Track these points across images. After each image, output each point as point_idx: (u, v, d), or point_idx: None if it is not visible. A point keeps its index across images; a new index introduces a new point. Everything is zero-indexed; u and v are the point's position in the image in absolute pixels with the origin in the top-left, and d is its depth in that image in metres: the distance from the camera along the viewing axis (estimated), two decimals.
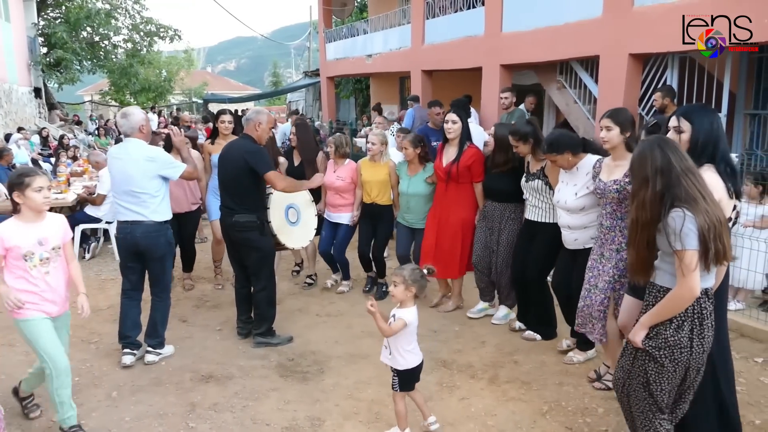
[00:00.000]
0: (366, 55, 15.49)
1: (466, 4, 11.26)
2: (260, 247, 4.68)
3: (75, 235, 7.31)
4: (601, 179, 3.77)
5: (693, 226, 2.49)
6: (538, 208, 4.65)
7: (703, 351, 2.66)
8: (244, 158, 4.51)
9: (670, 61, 7.75)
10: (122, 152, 4.36)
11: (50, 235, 3.35)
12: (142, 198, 4.26)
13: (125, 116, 4.36)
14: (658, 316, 2.66)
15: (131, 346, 4.42)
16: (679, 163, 2.60)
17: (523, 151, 4.69)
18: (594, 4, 8.01)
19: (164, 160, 4.37)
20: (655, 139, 2.72)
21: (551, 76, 10.03)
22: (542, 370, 4.33)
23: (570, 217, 4.15)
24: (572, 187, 4.12)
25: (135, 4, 26.19)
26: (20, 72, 18.68)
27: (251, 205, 4.61)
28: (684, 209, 2.52)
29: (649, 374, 2.73)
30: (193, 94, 39.80)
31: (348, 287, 6.13)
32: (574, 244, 4.20)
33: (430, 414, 3.47)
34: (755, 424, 3.58)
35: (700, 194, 2.56)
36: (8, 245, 3.23)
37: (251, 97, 38.37)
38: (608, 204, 3.72)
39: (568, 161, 4.11)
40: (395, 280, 3.26)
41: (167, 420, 3.64)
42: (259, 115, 4.75)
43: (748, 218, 5.17)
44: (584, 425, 3.58)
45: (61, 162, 9.90)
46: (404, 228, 5.68)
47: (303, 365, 4.44)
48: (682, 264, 2.51)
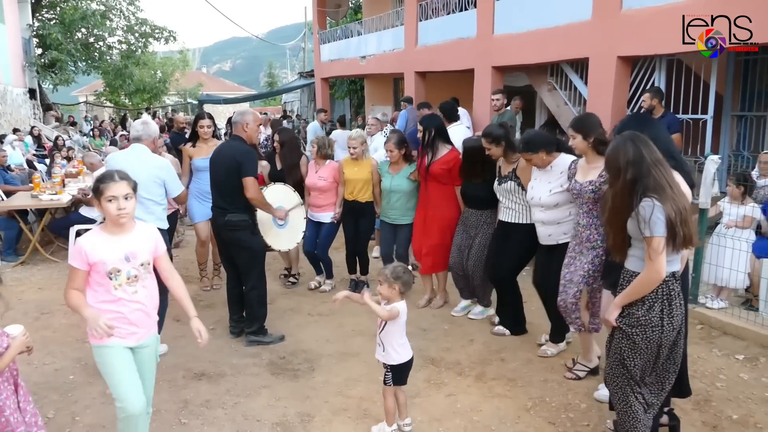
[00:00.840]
0: (360, 56, 15.58)
1: (458, 7, 11.36)
2: (251, 246, 4.78)
3: (70, 235, 7.39)
4: (577, 180, 3.93)
5: (661, 215, 2.70)
6: (511, 209, 4.78)
7: (672, 329, 2.87)
8: (235, 159, 4.62)
9: (657, 63, 7.86)
10: (130, 156, 4.37)
11: (139, 248, 2.90)
12: (146, 204, 4.23)
13: (145, 123, 4.52)
14: (629, 296, 2.88)
15: None
16: (649, 156, 2.82)
17: (495, 153, 4.82)
18: (583, 8, 8.12)
19: (172, 171, 4.47)
20: (628, 134, 2.94)
21: (542, 78, 10.14)
22: (528, 367, 4.42)
23: (544, 213, 4.31)
24: (546, 184, 4.28)
25: (130, 6, 26.24)
26: (15, 73, 18.70)
27: (243, 204, 4.71)
28: (653, 199, 2.73)
29: (623, 351, 2.94)
30: (188, 95, 39.82)
31: (330, 286, 6.24)
32: (548, 240, 4.37)
33: (407, 416, 3.54)
34: (733, 419, 3.68)
35: (668, 184, 2.78)
36: (92, 260, 2.78)
37: (246, 97, 38.40)
38: (584, 204, 3.89)
39: (542, 160, 4.26)
40: (380, 279, 3.36)
41: (160, 416, 3.72)
42: (245, 116, 4.88)
43: (730, 218, 5.28)
44: (567, 420, 3.68)
45: (56, 163, 9.96)
46: (387, 225, 5.81)
47: (294, 363, 4.52)
48: (650, 249, 2.73)
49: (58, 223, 7.87)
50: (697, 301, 5.36)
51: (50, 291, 6.34)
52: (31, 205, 7.69)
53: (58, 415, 3.74)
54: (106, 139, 17.79)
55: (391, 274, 3.32)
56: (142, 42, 26.71)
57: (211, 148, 5.87)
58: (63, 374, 4.32)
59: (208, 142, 6.02)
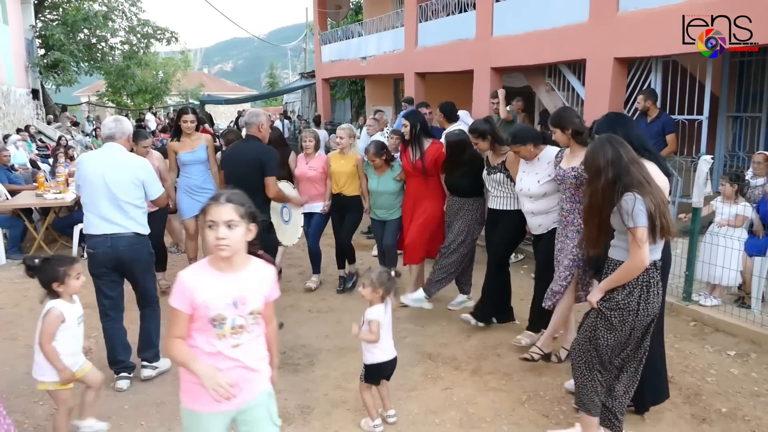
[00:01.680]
0: (360, 57, 15.68)
1: (457, 8, 11.46)
2: (265, 245, 4.88)
3: (74, 234, 7.51)
4: (561, 167, 4.15)
5: (642, 207, 2.92)
6: (499, 198, 4.98)
7: (647, 314, 3.10)
8: (259, 158, 4.78)
9: (654, 64, 7.96)
10: (104, 156, 4.07)
11: (250, 293, 2.34)
12: (125, 208, 3.98)
13: (118, 120, 4.22)
14: (614, 282, 3.10)
15: (126, 370, 4.18)
16: (626, 155, 3.05)
17: (482, 147, 5.02)
18: (580, 10, 8.23)
19: (153, 172, 4.20)
20: (605, 137, 3.17)
21: (540, 79, 10.24)
22: (523, 362, 4.51)
23: (533, 204, 4.50)
24: (534, 175, 4.47)
25: (132, 7, 26.38)
26: (18, 74, 18.82)
27: (261, 203, 4.79)
28: (635, 193, 2.95)
29: (598, 330, 3.15)
30: (189, 95, 39.94)
31: (315, 284, 6.34)
32: (538, 230, 4.58)
33: (391, 407, 3.68)
34: (722, 412, 3.77)
35: (645, 180, 3.01)
36: (198, 301, 2.25)
37: (248, 98, 38.51)
38: (567, 189, 4.11)
39: (530, 152, 4.46)
40: (364, 282, 3.53)
41: (164, 408, 3.83)
42: (259, 117, 5.06)
43: (723, 217, 5.37)
44: (560, 413, 3.77)
45: (60, 163, 10.06)
46: (378, 223, 6.02)
47: (294, 358, 4.62)
48: (635, 239, 2.95)
49: (62, 222, 7.97)
50: (691, 298, 5.46)
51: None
52: (35, 204, 7.80)
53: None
54: None
55: (376, 279, 3.49)
56: (144, 43, 26.86)
57: (195, 141, 6.01)
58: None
59: (192, 137, 6.05)
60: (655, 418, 3.69)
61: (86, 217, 4.08)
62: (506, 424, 3.66)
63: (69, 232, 7.67)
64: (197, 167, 6.01)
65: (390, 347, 3.59)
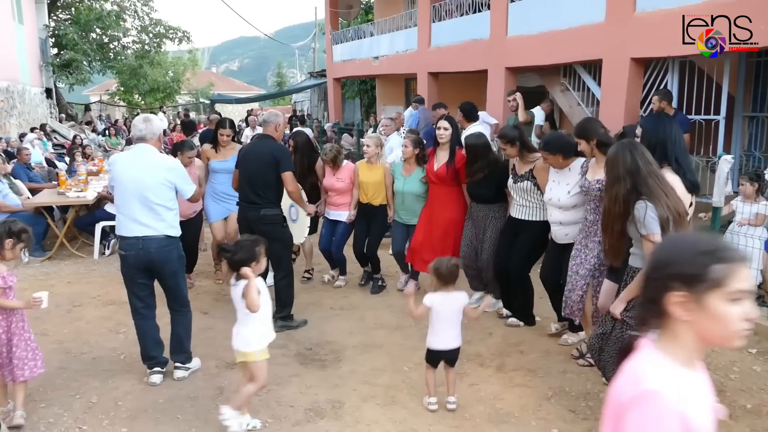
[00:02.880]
0: (373, 57, 15.76)
1: (471, 9, 11.52)
2: (282, 238, 5.08)
3: (95, 232, 7.61)
4: (587, 178, 4.20)
5: (654, 214, 2.98)
6: (524, 207, 4.96)
7: None
8: (273, 155, 4.89)
9: (670, 64, 8.00)
10: (136, 158, 4.07)
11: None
12: (157, 210, 3.99)
13: (148, 120, 4.17)
14: (633, 291, 3.12)
15: (159, 365, 4.22)
16: (645, 166, 3.10)
17: (511, 153, 4.99)
18: (597, 10, 8.27)
19: (183, 172, 4.20)
20: (626, 143, 3.22)
21: (555, 79, 10.29)
22: (546, 359, 4.58)
23: (562, 214, 4.50)
24: (565, 186, 4.46)
25: (144, 6, 26.53)
26: (32, 73, 18.97)
27: (275, 199, 4.99)
28: (646, 201, 3.02)
29: (626, 342, 3.10)
30: (200, 94, 40.11)
31: (344, 282, 6.43)
32: (564, 239, 4.56)
33: (453, 394, 3.83)
34: (746, 408, 3.83)
35: (663, 191, 3.05)
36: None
37: (258, 97, 38.66)
38: (592, 200, 4.13)
39: (558, 162, 4.47)
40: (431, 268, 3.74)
41: (198, 402, 3.91)
42: (278, 118, 5.19)
43: (743, 216, 5.41)
44: (587, 408, 3.83)
45: (78, 161, 10.16)
46: (400, 225, 6.01)
47: (321, 354, 4.70)
48: (649, 245, 3.00)
49: (83, 220, 8.07)
50: None
51: (79, 285, 6.53)
52: (57, 202, 7.91)
53: (101, 401, 3.93)
54: (121, 137, 18.01)
55: (434, 267, 3.71)
56: (156, 42, 27.03)
57: (229, 151, 6.12)
58: (101, 363, 4.51)
59: (227, 146, 6.23)
60: None
61: (118, 219, 4.12)
62: (534, 419, 3.72)
63: (90, 230, 7.77)
64: (226, 176, 6.13)
65: (447, 338, 3.71)
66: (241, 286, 3.46)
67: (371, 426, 3.64)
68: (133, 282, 4.16)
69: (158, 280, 4.23)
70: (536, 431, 3.61)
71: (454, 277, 3.70)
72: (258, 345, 3.51)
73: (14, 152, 11.79)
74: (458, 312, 3.72)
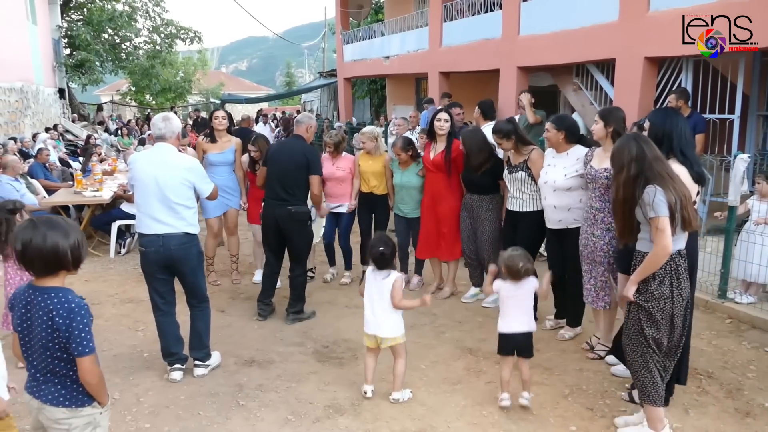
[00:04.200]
0: (383, 56, 15.79)
1: (483, 8, 11.53)
2: (307, 235, 5.28)
3: (112, 230, 7.68)
4: (593, 166, 4.32)
5: (662, 197, 3.10)
6: (519, 198, 5.10)
7: (682, 300, 3.28)
8: (306, 156, 5.06)
9: (684, 64, 7.98)
10: (155, 157, 4.12)
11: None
12: (176, 209, 4.05)
13: (167, 119, 4.20)
14: (642, 272, 3.25)
15: (179, 362, 4.26)
16: (650, 153, 3.23)
17: (506, 147, 5.13)
18: (610, 9, 8.26)
19: (201, 171, 4.26)
20: (631, 135, 3.36)
21: (567, 78, 10.28)
22: (562, 357, 4.60)
23: (556, 198, 4.64)
24: (561, 168, 4.62)
25: (155, 7, 26.70)
26: (46, 73, 19.14)
27: (303, 198, 5.15)
28: (655, 185, 3.13)
29: (641, 322, 3.31)
30: (210, 94, 40.29)
31: (350, 278, 6.48)
32: (558, 224, 4.70)
33: (528, 391, 3.82)
34: (765, 407, 3.83)
35: (668, 175, 3.18)
36: None
37: (268, 97, 38.80)
38: (597, 188, 4.26)
39: (559, 140, 4.63)
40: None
41: (219, 398, 3.95)
42: (310, 120, 5.40)
43: (759, 215, 5.40)
44: (604, 406, 3.85)
45: (93, 161, 10.25)
46: (401, 219, 6.17)
47: (337, 352, 4.74)
48: (657, 228, 3.12)
49: (99, 219, 8.14)
50: (726, 296, 5.50)
51: (96, 283, 6.60)
52: (74, 201, 8.00)
53: (123, 397, 3.98)
54: (134, 137, 18.13)
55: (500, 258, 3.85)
56: (167, 42, 27.19)
57: (225, 144, 6.21)
58: (121, 360, 4.56)
59: (222, 137, 6.26)
60: (700, 412, 3.76)
61: (138, 217, 4.21)
62: (552, 417, 3.74)
63: (107, 229, 7.84)
64: (224, 168, 6.24)
65: (517, 322, 3.77)
66: (390, 281, 3.80)
67: (390, 423, 3.68)
68: (153, 278, 4.22)
69: (177, 276, 4.28)
70: (554, 429, 3.63)
71: (527, 272, 3.75)
72: (402, 329, 3.91)
73: (29, 152, 11.94)
74: (529, 298, 3.78)
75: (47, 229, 2.30)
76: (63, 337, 2.30)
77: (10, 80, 15.02)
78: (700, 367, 4.38)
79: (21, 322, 2.40)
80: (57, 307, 2.30)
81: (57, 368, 2.38)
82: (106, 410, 2.55)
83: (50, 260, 2.31)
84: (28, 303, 2.37)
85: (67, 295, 2.34)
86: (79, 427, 2.45)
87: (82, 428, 2.46)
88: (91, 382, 2.39)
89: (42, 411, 2.43)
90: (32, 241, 2.28)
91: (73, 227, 2.38)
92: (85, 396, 2.44)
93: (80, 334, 2.30)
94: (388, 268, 3.86)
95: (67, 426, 2.44)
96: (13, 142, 11.80)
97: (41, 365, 2.39)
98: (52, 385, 2.41)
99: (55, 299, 2.31)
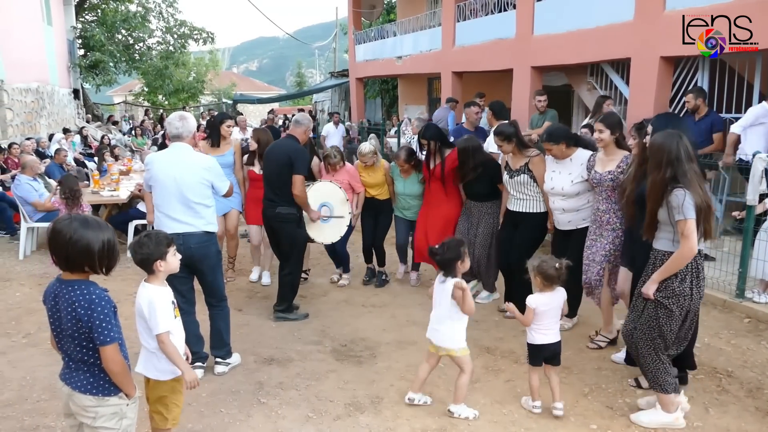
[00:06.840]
0: (396, 56, 15.80)
1: (497, 8, 11.52)
2: (294, 237, 5.28)
3: (128, 230, 7.76)
4: (597, 171, 4.46)
5: (691, 200, 3.18)
6: (521, 200, 5.18)
7: (699, 298, 3.43)
8: (289, 156, 5.07)
9: (700, 63, 7.95)
10: (173, 157, 4.14)
11: None
12: (196, 209, 4.09)
13: (183, 118, 4.20)
14: (666, 272, 3.35)
15: (200, 360, 4.29)
16: (685, 154, 3.28)
17: (506, 149, 5.17)
18: (625, 8, 8.24)
19: (219, 170, 4.30)
20: (674, 133, 3.38)
21: (582, 78, 10.26)
22: (580, 356, 4.61)
23: (565, 202, 4.76)
24: (567, 175, 4.72)
25: (169, 8, 26.87)
26: (60, 74, 19.28)
27: (291, 198, 5.15)
28: (684, 189, 3.21)
29: (660, 319, 3.40)
30: (222, 94, 40.47)
31: (348, 280, 6.51)
32: (567, 225, 4.84)
33: (560, 400, 3.75)
34: None
35: (698, 182, 3.27)
36: None
37: (279, 97, 38.92)
38: (603, 191, 4.41)
39: (562, 151, 4.71)
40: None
41: (240, 396, 3.99)
42: (311, 124, 5.51)
43: None
44: (624, 404, 3.86)
45: (108, 161, 10.35)
46: (403, 221, 6.37)
47: (356, 350, 4.77)
48: (685, 230, 3.21)
49: (116, 218, 8.21)
50: (744, 295, 5.48)
51: (114, 282, 6.62)
52: (92, 201, 8.05)
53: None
54: (147, 137, 18.26)
55: (536, 267, 3.73)
56: (180, 43, 27.36)
57: (225, 146, 6.25)
58: None
59: (225, 140, 6.32)
60: (721, 410, 3.76)
61: (158, 216, 4.21)
62: (572, 416, 3.75)
63: (123, 228, 7.91)
64: (225, 170, 6.19)
65: (551, 332, 3.73)
66: (449, 285, 3.63)
67: (411, 421, 3.70)
68: (174, 277, 4.17)
69: (197, 275, 4.31)
70: (574, 427, 3.64)
71: (561, 278, 3.71)
72: (464, 342, 3.71)
73: (45, 152, 12.06)
74: (560, 307, 3.77)
75: (80, 225, 2.37)
76: (86, 327, 2.40)
77: (26, 81, 15.16)
78: (720, 366, 4.37)
79: (52, 314, 2.50)
80: (79, 299, 2.40)
81: (85, 357, 2.49)
82: (133, 402, 2.61)
83: (74, 255, 2.39)
84: (56, 296, 2.47)
85: (89, 287, 2.44)
86: (105, 416, 2.53)
87: (109, 418, 2.54)
88: (114, 370, 2.47)
89: (72, 397, 2.54)
90: (62, 232, 2.37)
91: (105, 229, 2.45)
92: (112, 386, 2.53)
93: (101, 324, 2.39)
94: (450, 272, 3.67)
95: (94, 414, 2.52)
96: (27, 141, 11.91)
97: (72, 354, 2.50)
98: (81, 373, 2.52)
99: (78, 291, 2.41)
